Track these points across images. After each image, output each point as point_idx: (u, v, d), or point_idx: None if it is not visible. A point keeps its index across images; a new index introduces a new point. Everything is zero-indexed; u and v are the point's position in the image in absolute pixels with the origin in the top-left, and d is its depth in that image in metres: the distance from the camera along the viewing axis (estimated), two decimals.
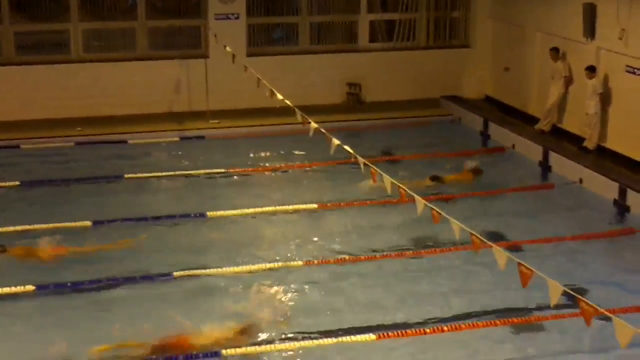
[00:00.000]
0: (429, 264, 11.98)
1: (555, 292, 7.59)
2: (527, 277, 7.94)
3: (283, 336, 9.90)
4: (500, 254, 8.27)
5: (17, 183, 14.89)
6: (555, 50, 17.22)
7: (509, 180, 15.60)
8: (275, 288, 11.12)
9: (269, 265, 11.72)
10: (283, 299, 10.86)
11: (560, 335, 9.97)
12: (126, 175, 15.38)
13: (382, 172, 10.58)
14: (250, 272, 11.55)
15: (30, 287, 10.84)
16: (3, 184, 14.87)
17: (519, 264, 7.97)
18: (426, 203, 9.65)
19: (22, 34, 19.11)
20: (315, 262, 11.93)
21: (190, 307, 10.61)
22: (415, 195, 9.82)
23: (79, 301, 10.81)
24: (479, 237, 8.68)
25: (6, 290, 10.79)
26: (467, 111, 19.51)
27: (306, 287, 11.28)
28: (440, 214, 9.38)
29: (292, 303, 10.80)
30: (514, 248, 11.83)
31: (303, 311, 10.57)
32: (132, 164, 16.20)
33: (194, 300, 10.82)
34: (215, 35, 18.46)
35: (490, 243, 8.57)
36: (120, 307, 10.67)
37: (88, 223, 13.03)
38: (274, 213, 13.88)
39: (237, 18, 19.57)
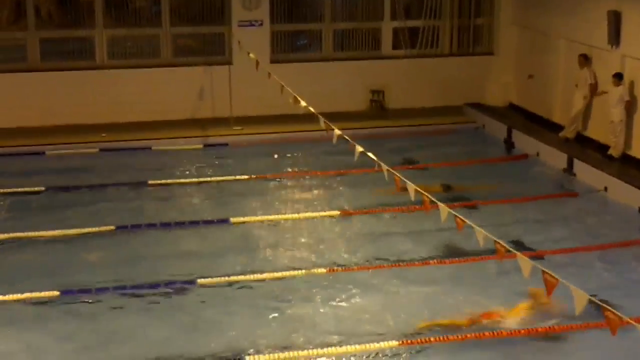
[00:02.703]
0: (453, 272, 11.94)
1: (580, 301, 7.55)
2: (552, 285, 7.89)
3: None
4: (525, 263, 8.23)
5: (43, 189, 14.98)
6: (584, 57, 17.08)
7: (532, 188, 15.52)
8: None
9: (287, 273, 11.71)
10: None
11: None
12: (150, 182, 15.44)
13: (405, 180, 10.56)
14: (269, 279, 11.55)
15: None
16: (29, 189, 14.96)
17: (544, 272, 7.92)
18: (450, 210, 9.63)
19: (47, 40, 19.25)
20: (340, 269, 11.92)
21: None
22: (439, 203, 9.80)
23: None
24: (504, 245, 8.64)
25: None
26: (490, 119, 19.42)
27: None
28: (464, 221, 9.35)
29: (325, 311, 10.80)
30: (538, 257, 11.75)
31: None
32: (156, 171, 16.25)
33: None
34: (239, 42, 18.51)
35: (514, 251, 8.53)
36: None
37: (112, 227, 13.09)
38: (297, 220, 13.90)
39: (260, 25, 19.62)
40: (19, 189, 14.95)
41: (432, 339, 9.85)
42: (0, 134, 17.84)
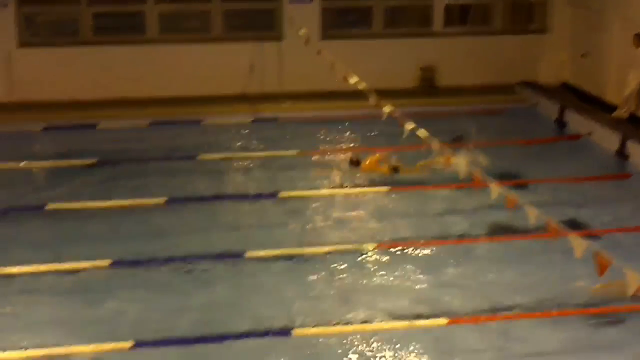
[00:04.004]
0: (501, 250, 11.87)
1: (634, 282, 7.47)
2: (604, 266, 7.82)
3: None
4: (577, 242, 8.16)
5: (94, 161, 15.15)
6: (639, 36, 16.79)
7: (584, 168, 15.32)
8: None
9: (337, 247, 11.72)
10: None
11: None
12: (199, 155, 15.54)
13: (456, 156, 10.52)
14: (325, 252, 11.56)
15: None
16: (80, 162, 15.15)
17: (596, 252, 7.85)
18: (501, 188, 9.58)
19: (100, 15, 19.41)
20: (387, 244, 11.91)
21: None
22: (490, 180, 9.75)
23: None
24: (556, 224, 8.57)
25: None
26: (543, 98, 19.20)
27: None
28: (515, 200, 9.29)
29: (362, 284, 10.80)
30: (590, 236, 11.61)
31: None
32: (206, 144, 16.34)
33: None
34: (290, 18, 18.49)
35: (566, 231, 8.46)
36: None
37: (162, 200, 13.22)
38: (345, 194, 13.91)
39: (311, 1, 19.57)
40: (72, 161, 15.13)
41: (483, 317, 9.81)
42: (54, 107, 18.08)
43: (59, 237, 12.18)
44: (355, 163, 15.08)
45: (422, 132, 12.12)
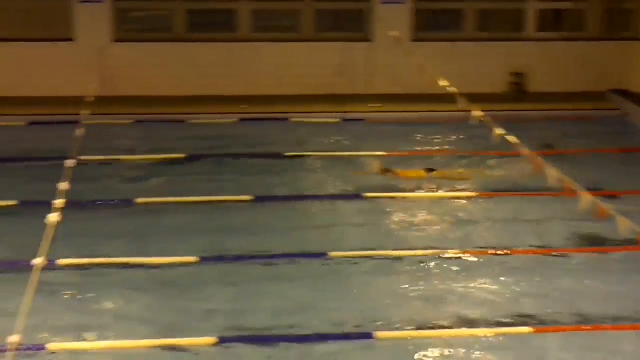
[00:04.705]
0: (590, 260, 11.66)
1: None
2: None
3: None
4: None
5: (183, 156, 15.39)
6: None
7: None
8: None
9: (420, 252, 11.65)
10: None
11: None
12: (286, 153, 15.64)
13: (545, 164, 10.38)
14: (408, 256, 11.52)
15: None
16: (170, 156, 15.41)
17: None
18: (591, 198, 9.41)
19: (193, 11, 19.70)
20: (472, 251, 11.81)
21: None
22: (580, 189, 9.59)
23: None
24: None
25: None
26: (636, 106, 18.79)
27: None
28: (606, 210, 9.12)
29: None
30: None
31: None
32: (292, 143, 16.47)
33: None
34: (381, 19, 18.48)
35: None
36: None
37: (249, 197, 13.33)
38: (430, 198, 13.85)
39: (403, 2, 19.53)
40: (161, 156, 15.41)
41: (569, 327, 9.65)
42: (144, 102, 18.43)
43: (146, 231, 12.37)
44: (385, 171, 14.97)
45: (511, 138, 11.98)
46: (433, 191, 14.07)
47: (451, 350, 9.30)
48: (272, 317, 9.93)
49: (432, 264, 11.36)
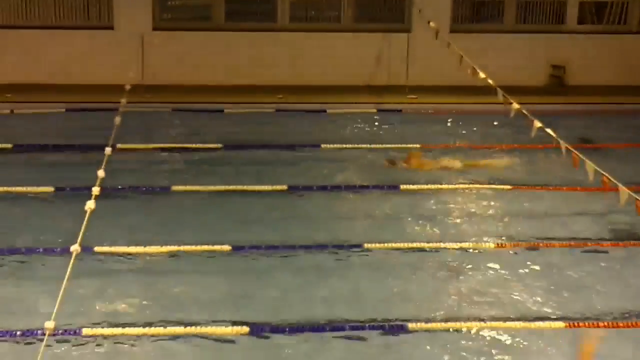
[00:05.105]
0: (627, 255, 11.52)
1: None
2: None
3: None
4: None
5: (220, 145, 15.43)
6: None
7: None
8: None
9: (455, 245, 11.58)
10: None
11: None
12: (323, 144, 15.63)
13: (584, 159, 10.26)
14: (445, 248, 11.46)
15: None
16: (207, 145, 15.46)
17: None
18: (631, 193, 9.29)
19: (232, 0, 19.74)
20: (507, 244, 11.72)
21: None
22: (620, 185, 9.47)
23: None
24: None
25: None
26: None
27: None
28: None
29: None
30: None
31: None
32: (329, 133, 16.44)
33: None
34: (420, 10, 18.39)
35: None
36: None
37: (284, 187, 13.34)
38: (465, 190, 13.78)
39: None
40: (198, 145, 15.46)
41: (602, 324, 9.55)
42: (182, 91, 18.51)
43: (182, 219, 12.42)
44: (392, 163, 14.89)
45: (550, 131, 11.87)
46: (470, 184, 13.99)
47: (485, 342, 9.24)
48: (302, 306, 9.92)
49: (467, 257, 11.30)
